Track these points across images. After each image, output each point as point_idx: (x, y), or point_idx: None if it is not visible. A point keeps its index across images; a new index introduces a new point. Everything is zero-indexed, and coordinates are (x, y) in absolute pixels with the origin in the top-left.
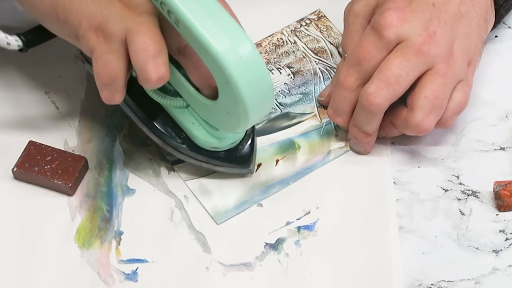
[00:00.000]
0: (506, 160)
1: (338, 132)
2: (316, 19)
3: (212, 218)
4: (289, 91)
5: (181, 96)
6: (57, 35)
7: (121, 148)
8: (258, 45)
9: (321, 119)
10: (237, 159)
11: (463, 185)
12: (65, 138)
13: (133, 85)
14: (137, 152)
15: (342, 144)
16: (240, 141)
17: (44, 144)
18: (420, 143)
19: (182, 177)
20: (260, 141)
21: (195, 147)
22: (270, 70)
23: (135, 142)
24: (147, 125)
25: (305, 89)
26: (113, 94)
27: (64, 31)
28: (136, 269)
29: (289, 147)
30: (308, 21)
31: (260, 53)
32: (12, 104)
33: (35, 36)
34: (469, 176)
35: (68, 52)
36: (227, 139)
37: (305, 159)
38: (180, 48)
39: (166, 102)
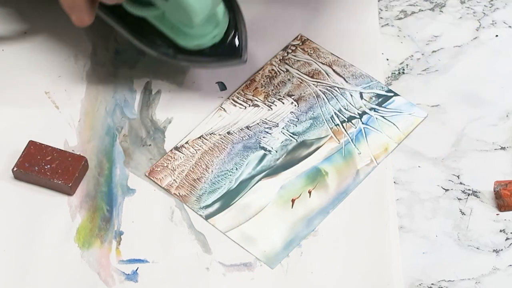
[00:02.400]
0: (507, 159)
1: (360, 149)
2: (300, 44)
3: (265, 264)
4: (298, 119)
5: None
6: None
7: (121, 148)
8: (252, 80)
9: (338, 140)
10: (225, 52)
11: (464, 184)
12: (65, 138)
13: (117, 7)
14: (137, 152)
15: (368, 161)
16: (225, 35)
17: (44, 144)
18: (420, 143)
19: (220, 229)
20: (286, 175)
21: (182, 50)
22: (272, 103)
23: (135, 142)
24: (138, 39)
25: (313, 114)
26: (80, 16)
27: None
28: (136, 269)
29: (316, 175)
30: (293, 47)
31: (256, 88)
32: (12, 104)
33: None
34: (469, 176)
35: (68, 52)
36: (206, 35)
37: (336, 184)
38: None
39: (143, 13)
